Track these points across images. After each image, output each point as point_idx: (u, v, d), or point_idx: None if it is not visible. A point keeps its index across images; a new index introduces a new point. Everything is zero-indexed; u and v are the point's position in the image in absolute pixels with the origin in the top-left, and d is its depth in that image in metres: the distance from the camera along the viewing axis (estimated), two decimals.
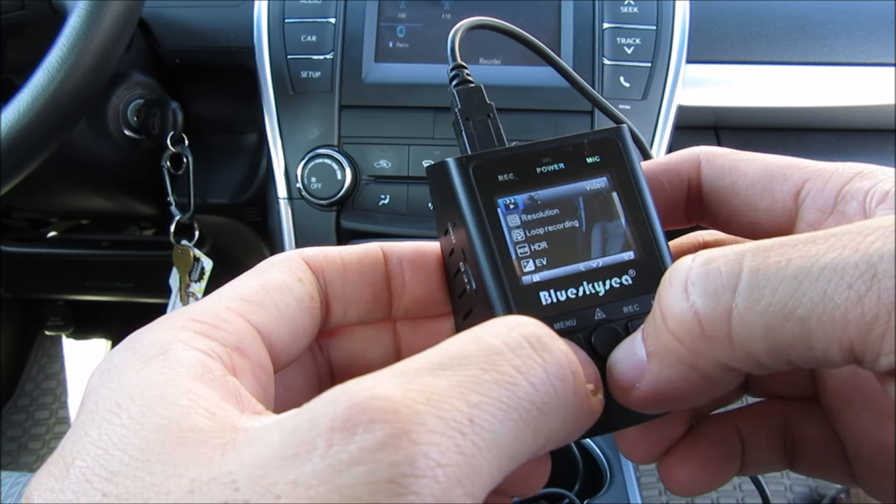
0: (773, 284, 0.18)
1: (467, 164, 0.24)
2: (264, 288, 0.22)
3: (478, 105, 0.27)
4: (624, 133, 0.25)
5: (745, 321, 0.18)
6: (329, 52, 0.71)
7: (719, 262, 0.19)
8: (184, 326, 0.20)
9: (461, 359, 0.17)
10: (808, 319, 0.17)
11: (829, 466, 0.26)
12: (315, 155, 0.70)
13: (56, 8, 0.63)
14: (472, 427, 0.16)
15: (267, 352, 0.21)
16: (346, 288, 0.25)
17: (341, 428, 0.15)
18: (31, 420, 1.31)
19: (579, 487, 0.67)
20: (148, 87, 0.76)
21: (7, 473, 0.63)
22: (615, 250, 0.24)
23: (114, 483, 0.16)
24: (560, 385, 0.18)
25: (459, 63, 0.28)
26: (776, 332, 0.18)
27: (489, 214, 0.24)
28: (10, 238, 1.03)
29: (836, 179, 0.23)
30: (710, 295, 0.19)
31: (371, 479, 0.14)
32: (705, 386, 0.20)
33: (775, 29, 0.74)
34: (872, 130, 0.78)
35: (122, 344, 0.20)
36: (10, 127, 0.56)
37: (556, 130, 0.70)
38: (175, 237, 0.81)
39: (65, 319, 1.29)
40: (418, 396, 0.16)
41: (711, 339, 0.19)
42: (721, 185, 0.25)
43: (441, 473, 0.15)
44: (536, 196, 0.24)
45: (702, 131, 0.79)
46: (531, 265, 0.24)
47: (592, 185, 0.25)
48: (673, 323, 0.19)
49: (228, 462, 0.15)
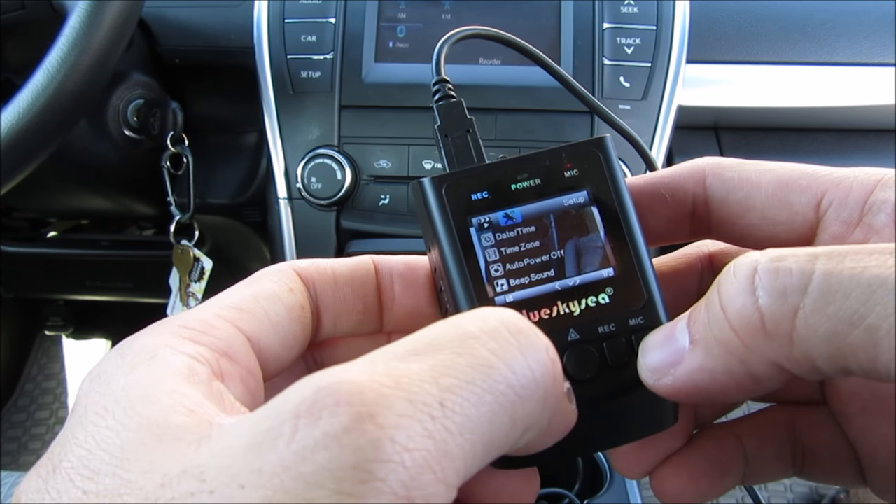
0: (846, 290, 0.17)
1: (441, 184, 0.24)
2: (255, 297, 0.22)
3: (457, 120, 0.27)
4: (606, 144, 0.25)
5: (811, 323, 0.18)
6: (329, 52, 0.71)
7: (790, 261, 0.18)
8: (173, 332, 0.20)
9: (434, 344, 0.17)
10: (877, 329, 0.17)
11: (840, 472, 0.25)
12: (315, 155, 0.70)
13: (56, 8, 0.63)
14: (443, 410, 0.16)
15: (256, 359, 0.21)
16: (336, 300, 0.25)
17: (307, 413, 0.15)
18: (31, 420, 1.31)
19: (579, 487, 0.67)
20: (148, 87, 0.76)
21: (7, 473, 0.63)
22: (593, 268, 0.24)
23: (94, 482, 0.16)
24: (539, 369, 0.18)
25: (442, 77, 0.27)
26: (841, 337, 0.17)
27: (461, 235, 0.24)
28: (10, 238, 1.03)
29: (857, 190, 0.23)
30: (777, 292, 0.18)
31: (335, 465, 0.14)
32: (747, 382, 0.20)
33: (775, 29, 0.74)
34: (872, 130, 0.78)
35: (113, 350, 0.20)
36: (10, 127, 0.56)
37: (556, 130, 0.70)
38: (175, 237, 0.81)
39: (65, 319, 1.29)
40: (386, 380, 0.16)
41: (771, 337, 0.18)
42: (734, 200, 0.25)
43: (408, 458, 0.15)
44: (511, 214, 0.24)
45: (702, 131, 0.79)
46: (504, 285, 0.24)
47: (570, 200, 0.24)
48: (733, 314, 0.19)
49: (199, 455, 0.15)
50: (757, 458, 0.26)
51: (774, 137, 0.78)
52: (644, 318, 0.24)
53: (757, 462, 0.26)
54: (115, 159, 0.76)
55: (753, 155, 0.77)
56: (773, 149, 0.78)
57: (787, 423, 0.26)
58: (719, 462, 0.25)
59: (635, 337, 0.23)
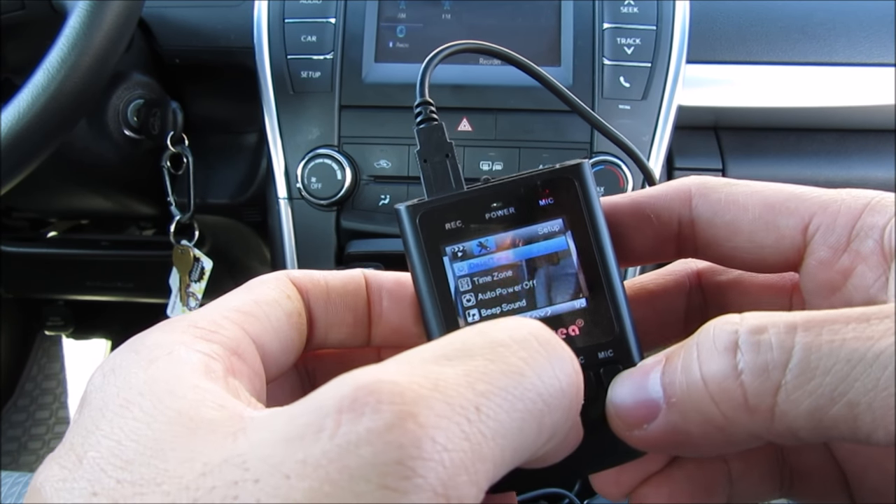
0: (826, 366, 0.18)
1: (416, 213, 0.24)
2: (256, 302, 0.22)
3: (437, 145, 0.26)
4: (582, 171, 0.24)
5: (792, 399, 0.18)
6: (329, 52, 0.71)
7: (770, 334, 0.19)
8: (184, 330, 0.20)
9: (466, 350, 0.17)
10: (857, 404, 0.17)
11: (828, 494, 0.25)
12: (315, 155, 0.70)
13: (56, 8, 0.63)
14: (479, 415, 0.16)
15: (260, 360, 0.22)
16: (328, 311, 0.25)
17: (349, 409, 0.15)
18: (31, 420, 1.31)
19: (579, 487, 0.67)
20: (148, 87, 0.76)
21: (7, 473, 0.63)
22: (564, 298, 0.24)
23: (128, 471, 0.16)
24: (566, 380, 0.18)
25: (425, 100, 0.27)
26: (822, 412, 0.18)
27: (433, 264, 0.24)
28: (10, 238, 1.03)
29: (845, 214, 0.22)
30: (759, 368, 0.18)
31: (379, 459, 0.14)
32: (724, 446, 0.20)
33: (775, 29, 0.74)
34: (872, 130, 0.78)
35: (124, 346, 0.20)
36: (10, 127, 0.56)
37: (556, 130, 0.70)
38: (175, 237, 0.81)
39: (65, 319, 1.29)
40: (425, 382, 0.16)
41: (753, 412, 0.19)
42: (721, 223, 0.24)
43: (447, 458, 0.15)
44: (485, 242, 0.24)
45: (702, 131, 0.79)
46: (476, 315, 0.24)
47: (544, 228, 0.24)
48: (714, 387, 0.19)
49: (239, 445, 0.16)
50: (742, 481, 0.25)
51: (774, 137, 0.78)
52: (613, 352, 0.24)
53: (742, 484, 0.25)
54: (115, 159, 0.76)
55: (754, 155, 0.78)
56: (774, 149, 0.78)
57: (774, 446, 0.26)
58: (701, 483, 0.25)
59: (604, 371, 0.23)
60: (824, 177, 0.76)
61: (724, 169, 0.77)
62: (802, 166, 0.76)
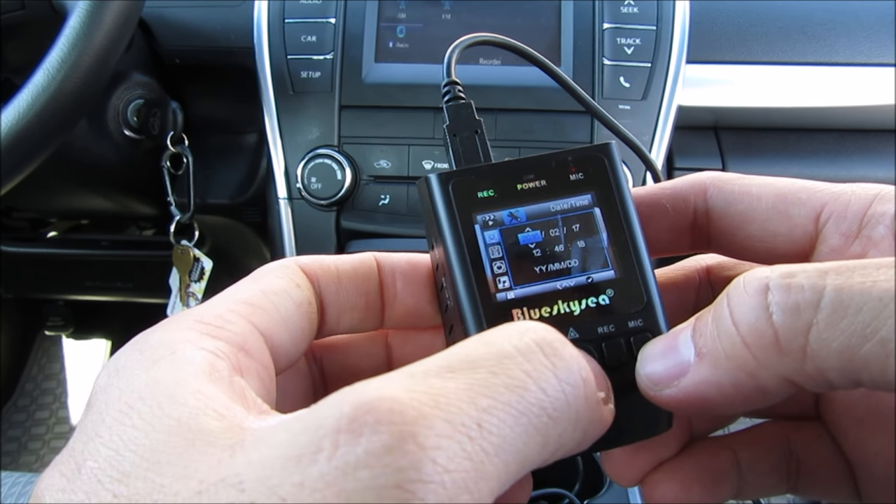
0: (858, 304, 0.18)
1: (447, 180, 0.24)
2: (264, 292, 0.22)
3: (466, 121, 0.27)
4: (611, 150, 0.25)
5: (824, 338, 0.18)
6: (329, 52, 0.71)
7: (801, 278, 0.19)
8: (190, 327, 0.20)
9: (470, 362, 0.17)
10: (889, 341, 0.17)
11: (835, 487, 0.25)
12: (315, 155, 0.70)
13: (56, 8, 0.63)
14: (481, 431, 0.16)
15: (269, 353, 0.21)
16: (339, 296, 0.25)
17: (347, 429, 0.15)
18: (31, 420, 1.31)
19: (579, 487, 0.67)
20: (148, 87, 0.76)
21: (7, 473, 0.63)
22: (594, 269, 0.24)
23: (125, 484, 0.16)
24: (571, 391, 0.18)
25: (453, 80, 0.28)
26: (854, 350, 0.18)
27: (466, 231, 0.24)
28: (10, 238, 1.03)
29: (856, 203, 0.23)
30: (791, 308, 0.18)
31: (378, 483, 0.14)
32: (754, 395, 0.20)
33: (775, 29, 0.74)
34: (872, 130, 0.78)
35: (129, 345, 0.20)
36: (10, 127, 0.56)
37: (556, 131, 0.70)
38: (175, 237, 0.81)
39: (65, 319, 1.29)
40: (426, 399, 0.16)
41: (785, 352, 0.19)
42: (734, 212, 0.25)
43: (448, 479, 0.15)
44: (516, 213, 0.24)
45: (702, 131, 0.79)
46: (507, 282, 0.24)
47: (574, 202, 0.25)
48: (746, 329, 0.19)
49: (236, 463, 0.16)
50: (751, 472, 0.26)
51: (774, 137, 0.78)
52: (643, 321, 0.24)
53: (751, 475, 0.26)
54: (115, 159, 0.76)
55: (754, 155, 0.78)
56: (773, 149, 0.78)
57: (782, 437, 0.26)
58: (712, 471, 0.25)
59: (634, 339, 0.24)
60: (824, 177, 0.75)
61: (723, 169, 0.77)
62: (802, 166, 0.77)
